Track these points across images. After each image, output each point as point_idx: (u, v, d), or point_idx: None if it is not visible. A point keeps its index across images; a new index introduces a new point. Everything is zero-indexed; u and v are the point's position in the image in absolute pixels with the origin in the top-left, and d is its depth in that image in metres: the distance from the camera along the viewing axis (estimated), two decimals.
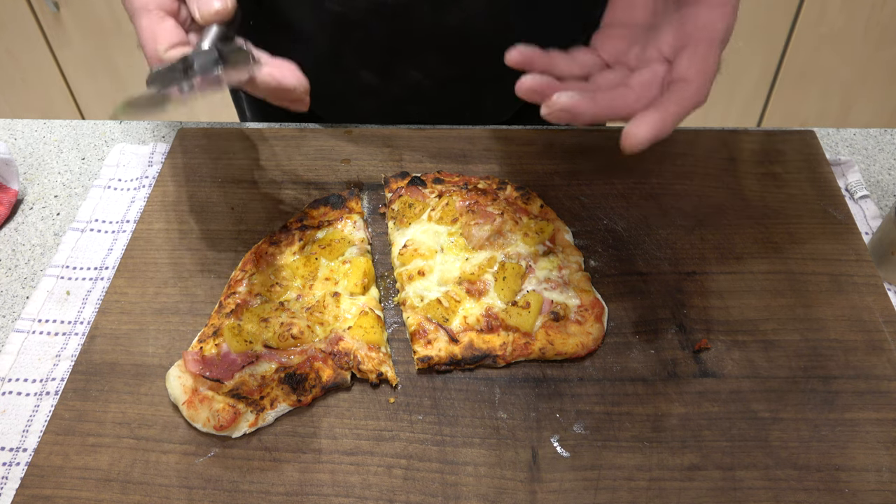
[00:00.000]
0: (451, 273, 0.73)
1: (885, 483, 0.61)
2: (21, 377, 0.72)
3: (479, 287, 0.72)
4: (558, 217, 0.79)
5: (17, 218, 0.88)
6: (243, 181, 0.86)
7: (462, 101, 0.97)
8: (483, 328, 0.70)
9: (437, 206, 0.79)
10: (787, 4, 2.08)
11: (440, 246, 0.76)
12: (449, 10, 0.86)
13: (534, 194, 0.81)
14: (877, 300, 0.73)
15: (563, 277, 0.73)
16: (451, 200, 0.79)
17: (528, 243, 0.75)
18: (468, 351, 0.68)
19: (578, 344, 0.69)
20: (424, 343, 0.69)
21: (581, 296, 0.72)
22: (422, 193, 0.81)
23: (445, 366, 0.69)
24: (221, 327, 0.70)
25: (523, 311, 0.70)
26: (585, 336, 0.69)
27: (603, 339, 0.70)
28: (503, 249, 0.75)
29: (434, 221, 0.78)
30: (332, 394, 0.68)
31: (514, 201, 0.80)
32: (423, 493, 0.61)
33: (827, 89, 2.28)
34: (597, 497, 0.61)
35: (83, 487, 0.62)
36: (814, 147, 0.88)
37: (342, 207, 0.81)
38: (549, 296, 0.71)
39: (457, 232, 0.77)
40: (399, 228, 0.79)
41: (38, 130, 1.00)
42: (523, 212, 0.78)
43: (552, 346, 0.68)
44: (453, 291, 0.72)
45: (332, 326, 0.70)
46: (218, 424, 0.64)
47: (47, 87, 2.32)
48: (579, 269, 0.74)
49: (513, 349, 0.68)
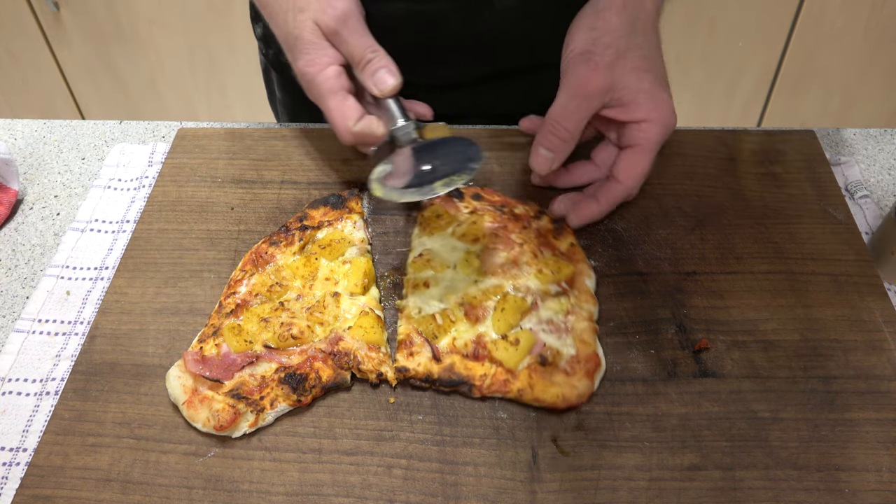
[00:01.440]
0: (455, 292, 0.72)
1: (885, 483, 0.61)
2: (21, 377, 0.72)
3: (478, 313, 0.70)
4: (586, 259, 0.75)
5: (17, 218, 0.88)
6: (243, 181, 0.86)
7: (493, 98, 0.98)
8: (468, 354, 0.68)
9: (463, 222, 0.78)
10: (787, 4, 2.08)
11: (454, 262, 0.74)
12: (482, 16, 0.87)
13: (568, 230, 0.78)
14: (877, 300, 0.73)
15: (566, 323, 0.69)
16: (480, 220, 0.77)
17: (541, 280, 0.72)
18: (447, 373, 0.66)
19: (559, 395, 0.65)
20: (407, 354, 0.68)
21: (579, 346, 0.68)
22: (455, 206, 0.80)
23: (421, 382, 0.67)
24: (221, 327, 0.70)
25: (510, 347, 0.67)
26: (569, 388, 0.65)
27: (591, 397, 0.66)
28: (514, 280, 0.72)
29: (456, 237, 0.77)
30: (331, 394, 0.68)
31: (544, 233, 0.77)
32: (423, 493, 0.61)
33: (827, 89, 2.28)
34: (597, 497, 0.61)
35: (83, 487, 0.62)
36: (814, 147, 0.88)
37: (342, 207, 0.81)
38: (545, 338, 0.68)
39: (474, 252, 0.75)
40: (422, 235, 0.78)
41: (38, 130, 1.00)
42: (549, 247, 0.76)
43: (531, 390, 0.65)
44: (451, 311, 0.71)
45: (332, 326, 0.70)
46: (218, 424, 0.64)
47: (47, 87, 2.32)
48: (588, 319, 0.70)
49: (491, 383, 0.66)
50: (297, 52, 0.75)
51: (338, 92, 0.74)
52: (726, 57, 2.21)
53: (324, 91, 0.74)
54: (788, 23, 2.12)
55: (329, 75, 0.74)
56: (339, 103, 0.74)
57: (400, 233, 0.81)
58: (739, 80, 2.27)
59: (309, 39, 0.74)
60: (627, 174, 0.76)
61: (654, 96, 0.74)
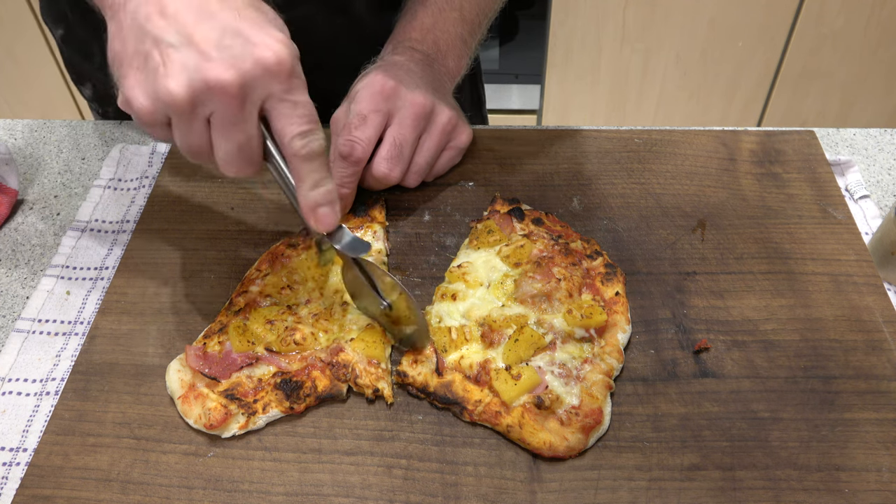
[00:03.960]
0: (479, 311, 0.70)
1: (885, 483, 0.61)
2: (21, 377, 0.72)
3: (494, 338, 0.68)
4: (627, 313, 0.71)
5: (17, 218, 0.88)
6: (243, 181, 0.86)
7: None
8: (471, 376, 0.66)
9: (512, 244, 0.75)
10: (787, 4, 2.08)
11: (489, 282, 0.73)
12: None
13: (620, 278, 0.74)
14: (877, 300, 0.73)
15: (580, 371, 0.66)
16: (529, 245, 0.75)
17: (568, 321, 0.68)
18: (443, 389, 0.66)
19: (545, 442, 0.62)
20: (412, 360, 0.68)
21: (584, 398, 0.64)
22: (511, 226, 0.78)
23: (417, 391, 0.67)
24: (228, 325, 0.70)
25: (510, 380, 0.65)
26: (559, 439, 0.62)
27: (581, 453, 0.63)
28: (540, 314, 0.69)
29: (500, 257, 0.75)
30: (326, 403, 0.67)
31: (593, 275, 0.74)
32: (423, 493, 0.61)
33: (827, 89, 2.28)
34: (597, 497, 0.61)
35: (83, 487, 0.62)
36: (814, 147, 0.88)
37: (365, 216, 0.81)
38: (550, 380, 0.65)
39: (513, 276, 0.73)
40: (468, 247, 0.77)
41: (38, 130, 1.00)
42: (592, 290, 0.72)
43: (520, 429, 0.63)
44: (469, 328, 0.69)
45: (336, 336, 0.70)
46: (208, 423, 0.64)
47: (47, 87, 2.32)
48: (605, 374, 0.66)
49: (483, 410, 0.64)
50: None
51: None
52: (726, 57, 2.21)
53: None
54: (788, 23, 2.12)
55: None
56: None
57: (423, 237, 0.81)
58: (739, 80, 2.27)
59: None
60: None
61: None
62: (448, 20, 0.86)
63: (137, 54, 0.57)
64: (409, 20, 0.87)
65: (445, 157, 0.84)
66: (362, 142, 0.77)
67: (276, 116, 0.58)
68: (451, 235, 0.81)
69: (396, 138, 0.79)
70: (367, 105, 0.77)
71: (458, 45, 0.88)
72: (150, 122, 0.58)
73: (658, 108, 2.36)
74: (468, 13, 0.87)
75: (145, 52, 0.56)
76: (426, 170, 0.83)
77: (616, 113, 2.38)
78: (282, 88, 0.57)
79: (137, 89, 0.57)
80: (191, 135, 0.58)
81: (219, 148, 0.59)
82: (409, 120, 0.78)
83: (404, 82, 0.79)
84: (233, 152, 0.59)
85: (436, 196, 0.85)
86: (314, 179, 0.61)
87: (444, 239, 0.80)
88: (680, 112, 2.37)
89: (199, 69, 0.54)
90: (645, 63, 2.24)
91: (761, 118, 2.37)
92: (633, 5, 2.10)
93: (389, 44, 0.87)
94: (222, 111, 0.56)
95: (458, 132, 0.84)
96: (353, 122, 0.77)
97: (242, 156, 0.59)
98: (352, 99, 0.80)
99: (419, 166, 0.82)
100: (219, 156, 0.59)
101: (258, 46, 0.55)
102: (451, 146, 0.84)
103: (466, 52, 0.89)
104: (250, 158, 0.60)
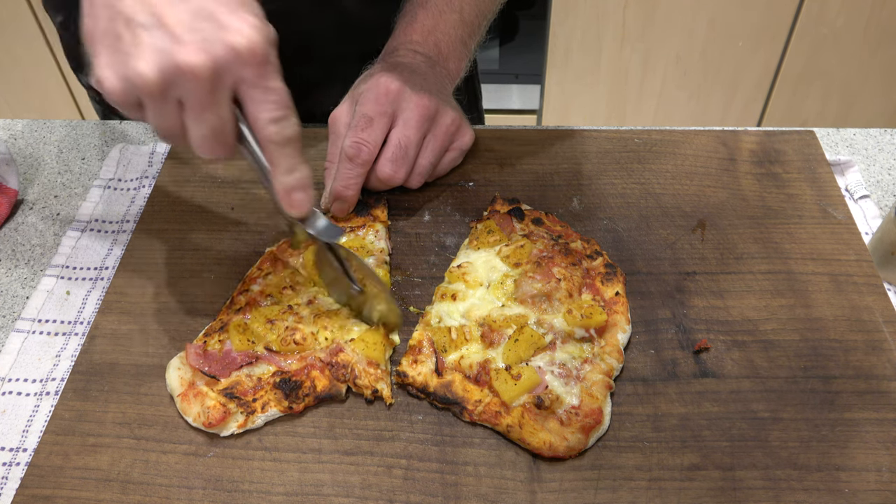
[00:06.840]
0: (479, 311, 0.70)
1: (885, 483, 0.61)
2: (21, 377, 0.72)
3: (494, 337, 0.68)
4: (627, 313, 0.71)
5: (17, 218, 0.88)
6: (243, 181, 0.86)
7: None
8: (471, 376, 0.66)
9: (511, 244, 0.75)
10: (787, 4, 2.08)
11: (489, 282, 0.73)
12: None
13: (620, 279, 0.74)
14: (877, 300, 0.73)
15: (580, 371, 0.66)
16: (529, 245, 0.75)
17: (568, 321, 0.68)
18: (443, 389, 0.66)
19: (545, 442, 0.62)
20: (412, 360, 0.68)
21: (584, 398, 0.64)
22: (511, 226, 0.78)
23: (416, 391, 0.67)
24: (229, 323, 0.70)
25: (510, 380, 0.65)
26: (559, 439, 0.62)
27: (581, 453, 0.63)
28: (540, 314, 0.69)
29: (500, 257, 0.75)
30: (325, 403, 0.67)
31: (593, 275, 0.74)
32: (423, 493, 0.61)
33: (827, 89, 2.28)
34: (597, 497, 0.61)
35: (83, 487, 0.62)
36: (814, 147, 0.88)
37: (367, 215, 0.81)
38: (550, 380, 0.65)
39: (513, 276, 0.73)
40: (468, 247, 0.77)
41: (38, 130, 1.00)
42: (592, 290, 0.73)
43: (519, 429, 0.63)
44: (469, 328, 0.69)
45: (336, 336, 0.70)
46: (207, 421, 0.64)
47: (47, 87, 2.32)
48: (605, 374, 0.66)
49: (483, 410, 0.64)
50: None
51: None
52: (726, 57, 2.21)
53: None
54: (788, 23, 2.12)
55: None
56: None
57: (423, 237, 0.81)
58: (739, 80, 2.27)
59: None
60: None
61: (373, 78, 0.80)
62: (448, 22, 0.86)
63: (108, 33, 0.55)
64: (409, 22, 0.87)
65: (448, 159, 0.84)
66: (369, 144, 0.77)
67: (249, 102, 0.58)
68: (451, 235, 0.81)
69: (401, 140, 0.79)
70: (372, 107, 0.77)
71: (459, 47, 0.88)
72: (122, 102, 0.57)
73: (658, 108, 2.36)
74: (468, 15, 0.88)
75: (116, 31, 0.55)
76: (429, 171, 0.83)
77: (616, 113, 2.38)
78: (254, 74, 0.56)
79: (108, 70, 0.56)
80: (163, 117, 0.58)
81: (191, 130, 0.58)
82: (414, 122, 0.78)
83: (409, 84, 0.79)
84: (205, 135, 0.58)
85: (436, 196, 0.85)
86: (288, 164, 0.61)
87: (444, 239, 0.80)
88: (680, 112, 2.37)
89: (169, 52, 0.53)
90: (645, 63, 2.24)
91: (761, 118, 2.37)
92: (633, 5, 2.10)
93: (390, 45, 0.87)
94: (193, 95, 0.56)
95: (461, 134, 0.84)
96: (360, 124, 0.77)
97: (216, 139, 0.59)
98: (355, 100, 0.80)
99: (423, 168, 0.82)
100: (192, 138, 0.59)
101: (230, 31, 0.54)
102: (453, 147, 0.84)
103: (466, 54, 0.89)
104: (224, 141, 0.59)
